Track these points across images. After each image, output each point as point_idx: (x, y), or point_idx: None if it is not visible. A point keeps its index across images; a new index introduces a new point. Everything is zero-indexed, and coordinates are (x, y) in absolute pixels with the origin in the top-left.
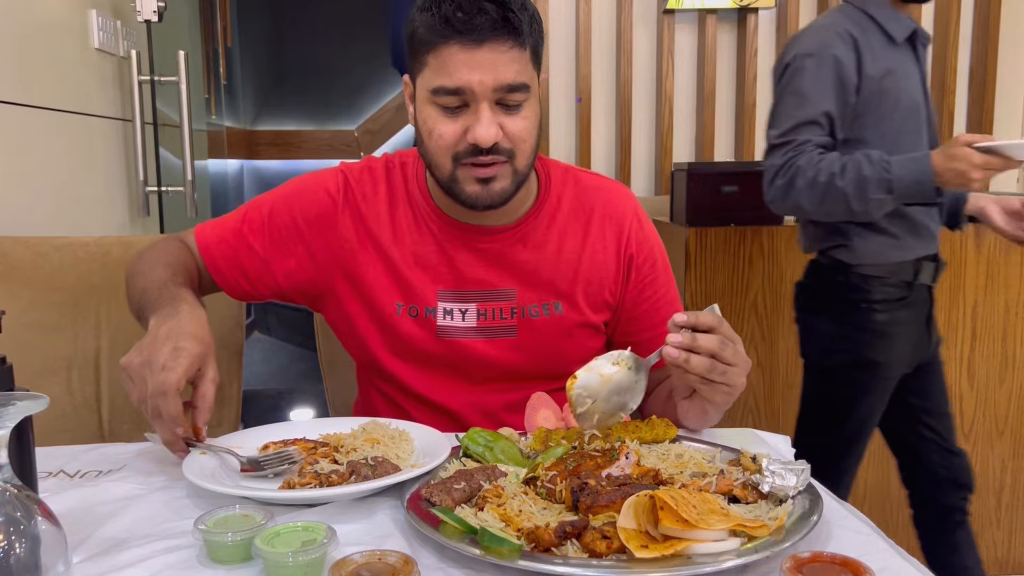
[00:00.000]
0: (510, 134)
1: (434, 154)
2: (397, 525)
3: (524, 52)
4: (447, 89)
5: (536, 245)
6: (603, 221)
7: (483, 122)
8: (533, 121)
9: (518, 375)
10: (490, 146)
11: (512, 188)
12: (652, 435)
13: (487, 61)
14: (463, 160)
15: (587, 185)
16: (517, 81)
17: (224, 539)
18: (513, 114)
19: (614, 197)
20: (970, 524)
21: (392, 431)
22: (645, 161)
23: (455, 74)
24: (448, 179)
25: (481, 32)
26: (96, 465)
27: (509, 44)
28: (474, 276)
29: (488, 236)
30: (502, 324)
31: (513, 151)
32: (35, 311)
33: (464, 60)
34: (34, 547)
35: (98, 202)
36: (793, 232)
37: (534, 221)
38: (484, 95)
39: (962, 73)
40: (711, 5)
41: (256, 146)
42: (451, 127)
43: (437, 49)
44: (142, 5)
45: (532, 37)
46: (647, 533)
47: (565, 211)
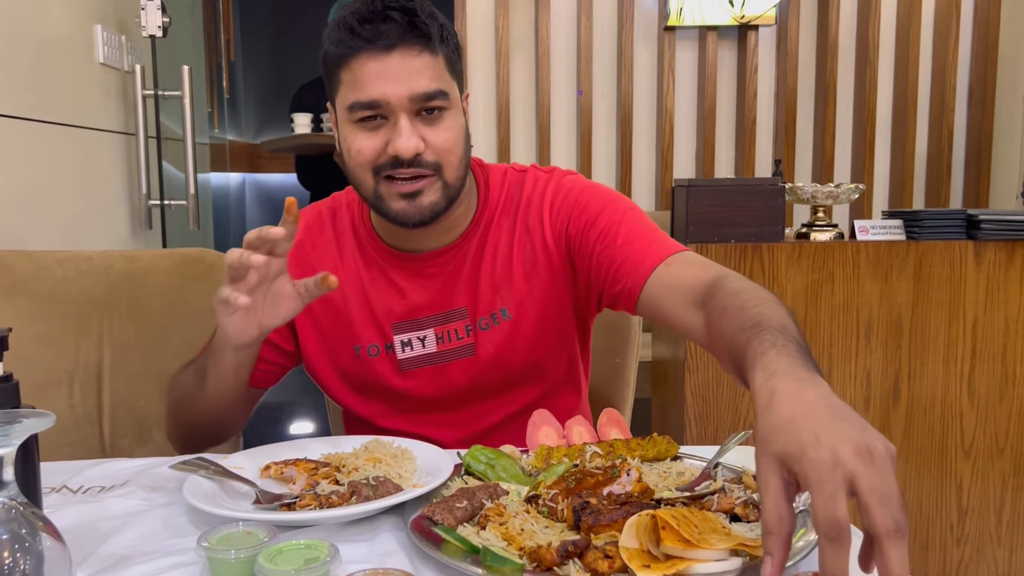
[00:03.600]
0: (433, 146)
1: (355, 171)
2: (399, 543)
3: (437, 58)
4: (362, 103)
5: (478, 257)
6: (526, 212)
7: (403, 134)
8: (457, 132)
9: (486, 391)
10: (411, 158)
11: (443, 202)
12: (654, 452)
13: (399, 69)
14: (384, 173)
15: (517, 180)
16: (432, 88)
17: (227, 556)
18: (435, 125)
19: (538, 185)
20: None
21: (394, 450)
22: (646, 177)
23: (368, 86)
24: (373, 196)
25: (389, 38)
26: (99, 481)
27: (418, 49)
28: (426, 302)
29: (433, 259)
30: (459, 344)
31: (439, 163)
32: (37, 324)
33: (376, 70)
34: (39, 564)
35: (101, 215)
36: (794, 248)
37: (474, 235)
38: (401, 106)
39: (961, 92)
40: (711, 22)
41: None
42: (370, 142)
43: (348, 63)
44: (147, 20)
45: (445, 46)
46: (649, 552)
47: (499, 215)
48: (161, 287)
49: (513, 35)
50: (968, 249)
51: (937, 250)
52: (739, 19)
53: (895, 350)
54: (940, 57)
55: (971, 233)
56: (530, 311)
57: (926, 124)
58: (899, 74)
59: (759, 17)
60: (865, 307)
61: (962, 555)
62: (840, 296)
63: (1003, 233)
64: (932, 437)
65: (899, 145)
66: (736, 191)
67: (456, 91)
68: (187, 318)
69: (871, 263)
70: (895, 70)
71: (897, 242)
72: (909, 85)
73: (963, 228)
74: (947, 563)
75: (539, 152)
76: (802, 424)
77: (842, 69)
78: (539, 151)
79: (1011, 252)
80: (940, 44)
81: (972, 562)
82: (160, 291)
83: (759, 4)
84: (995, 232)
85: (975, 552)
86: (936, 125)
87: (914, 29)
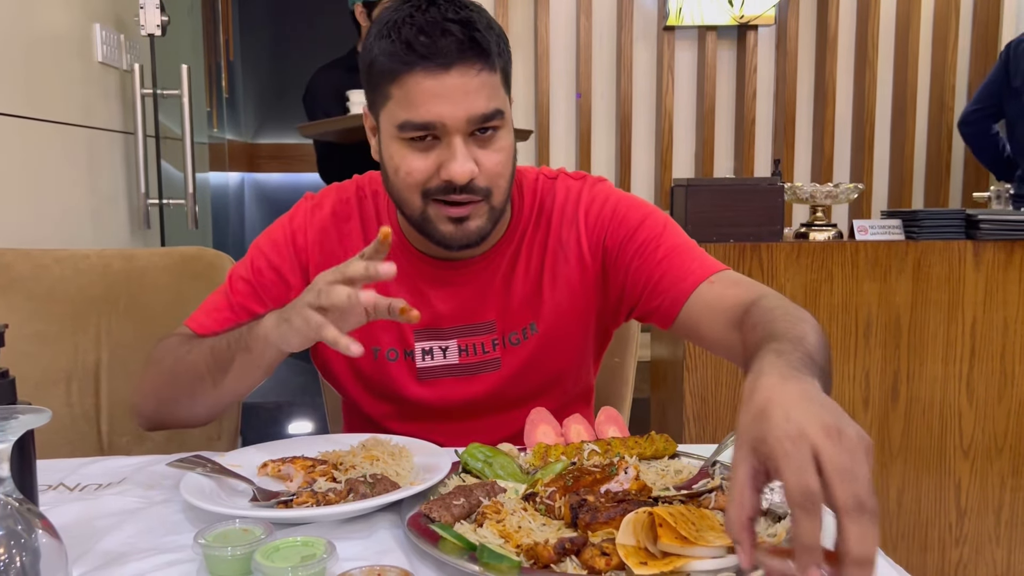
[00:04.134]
0: (486, 170)
1: (402, 191)
2: (396, 541)
3: (495, 75)
4: (415, 124)
5: (508, 270)
6: (560, 224)
7: (459, 158)
8: (509, 153)
9: (504, 405)
10: (465, 183)
11: (489, 227)
12: (651, 451)
13: (457, 89)
14: (434, 196)
15: (547, 188)
16: (491, 109)
17: (224, 553)
18: (488, 147)
19: (570, 195)
20: None
21: (392, 447)
22: (645, 177)
23: (423, 107)
24: (419, 218)
25: (448, 56)
26: (96, 478)
27: (479, 67)
28: (451, 313)
29: (463, 268)
30: (485, 358)
31: (490, 189)
32: (35, 323)
33: (432, 89)
34: (35, 561)
35: (100, 214)
36: (793, 248)
37: (507, 247)
38: (457, 128)
39: (960, 92)
40: (711, 22)
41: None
42: (421, 163)
43: (401, 79)
44: (146, 19)
45: (502, 59)
46: (646, 550)
47: (531, 227)
48: (159, 286)
49: (512, 34)
50: (967, 249)
51: (936, 250)
52: (738, 19)
53: (894, 350)
54: (939, 57)
55: (970, 233)
56: (558, 325)
57: (925, 124)
58: (898, 74)
59: (758, 17)
60: (864, 307)
61: (961, 555)
62: (839, 296)
63: (1002, 233)
64: (931, 437)
65: (898, 145)
66: (735, 191)
67: (509, 107)
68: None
69: (870, 263)
70: (894, 70)
71: (896, 242)
72: (908, 85)
73: (962, 228)
74: (946, 563)
75: (538, 151)
76: (775, 409)
77: (841, 69)
78: (538, 150)
79: (1010, 252)
80: (939, 44)
81: (971, 562)
82: (158, 290)
83: (758, 4)
84: (994, 232)
85: (974, 552)
86: (935, 125)
87: (913, 29)
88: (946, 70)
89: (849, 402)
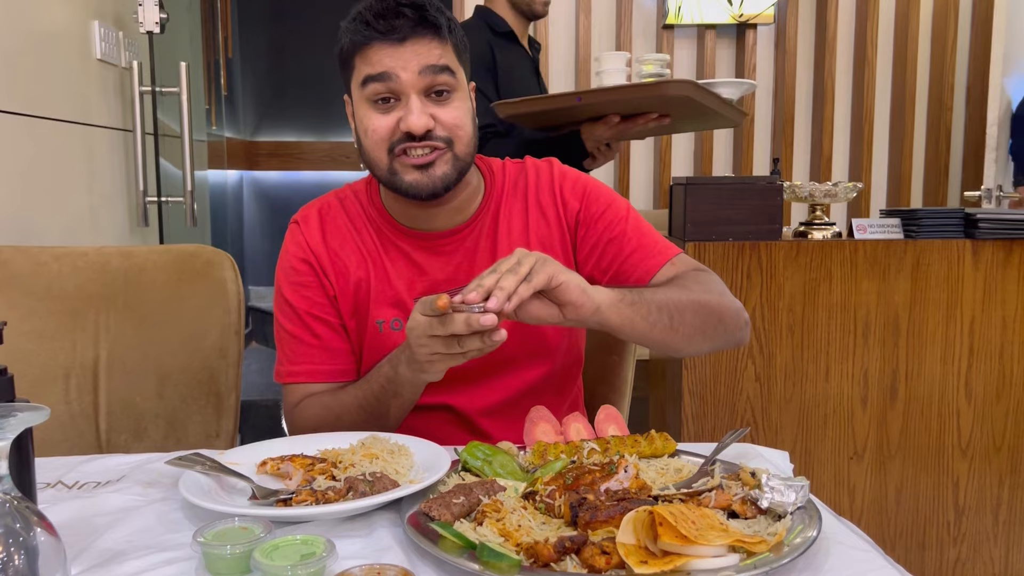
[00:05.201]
0: (444, 122)
1: (371, 151)
2: (396, 539)
3: (446, 44)
4: (373, 75)
5: (490, 235)
6: (536, 193)
7: (414, 110)
8: (465, 112)
9: (500, 362)
10: (423, 133)
11: (454, 174)
12: (651, 450)
13: (409, 52)
14: (397, 150)
15: (518, 168)
16: (441, 63)
17: (223, 552)
18: (444, 104)
19: (541, 169)
20: None
21: (391, 445)
22: (644, 175)
23: (379, 63)
24: (387, 172)
25: (401, 31)
26: (94, 476)
27: (429, 38)
28: (447, 279)
29: (448, 238)
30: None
31: (450, 138)
32: (34, 320)
33: (388, 53)
34: (33, 558)
35: (98, 212)
36: (791, 247)
37: (485, 215)
38: (411, 83)
39: (959, 91)
40: (710, 21)
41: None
42: (384, 121)
43: (363, 50)
44: (144, 16)
45: (453, 36)
46: (646, 549)
47: (508, 197)
48: (158, 283)
49: None
50: (966, 248)
51: (935, 249)
52: (738, 17)
53: (892, 349)
54: (938, 56)
55: (969, 232)
56: None
57: (924, 123)
58: (897, 73)
59: (758, 16)
60: (863, 306)
61: (959, 554)
62: (838, 295)
63: (1001, 232)
64: (929, 436)
65: (897, 144)
66: (734, 189)
67: (463, 76)
68: (183, 314)
69: (869, 262)
70: (893, 69)
71: (895, 241)
72: (907, 84)
73: (961, 227)
74: (944, 562)
75: None
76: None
77: (840, 68)
78: None
79: (1008, 251)
80: (938, 43)
81: (968, 561)
82: (157, 287)
83: (758, 3)
84: (993, 231)
85: (971, 551)
86: (934, 124)
87: (912, 28)
88: (944, 69)
89: (847, 400)
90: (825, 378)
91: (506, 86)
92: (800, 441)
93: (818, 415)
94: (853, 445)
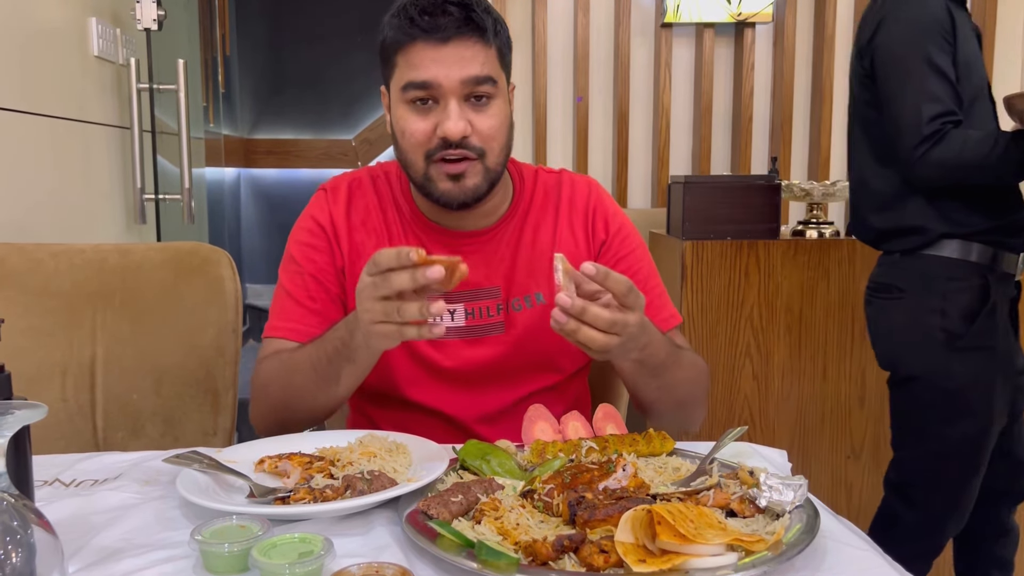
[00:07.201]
0: (479, 131)
1: (407, 152)
2: (394, 537)
3: (490, 49)
4: (415, 83)
5: (515, 242)
6: (570, 209)
7: (452, 116)
8: (502, 120)
9: (509, 371)
10: (459, 140)
11: (484, 186)
12: (648, 449)
13: (453, 57)
14: (434, 157)
15: (553, 179)
16: (483, 73)
17: (221, 550)
18: (482, 111)
19: (578, 186)
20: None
21: (389, 444)
22: (642, 174)
23: (422, 68)
24: (422, 178)
25: (446, 30)
26: (91, 474)
27: (473, 40)
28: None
29: (471, 238)
30: (490, 321)
31: (483, 150)
32: (30, 317)
33: (431, 56)
34: (30, 557)
35: (95, 209)
36: (789, 246)
37: (511, 220)
38: (452, 89)
39: None
40: (708, 19)
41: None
42: (422, 124)
43: (405, 49)
44: (142, 13)
45: (498, 39)
46: (645, 547)
47: (537, 206)
48: (155, 281)
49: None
50: None
51: None
52: (736, 16)
53: None
54: None
55: None
56: None
57: None
58: None
59: (756, 14)
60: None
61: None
62: (835, 293)
63: None
64: None
65: None
66: (732, 188)
67: (504, 81)
68: (181, 312)
69: (866, 260)
70: None
71: None
72: None
73: None
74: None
75: (535, 148)
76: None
77: (839, 66)
78: (535, 147)
79: None
80: None
81: None
82: (154, 285)
83: (756, 1)
84: None
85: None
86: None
87: None
88: None
89: (845, 399)
90: (823, 377)
91: (963, 59)
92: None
93: (815, 414)
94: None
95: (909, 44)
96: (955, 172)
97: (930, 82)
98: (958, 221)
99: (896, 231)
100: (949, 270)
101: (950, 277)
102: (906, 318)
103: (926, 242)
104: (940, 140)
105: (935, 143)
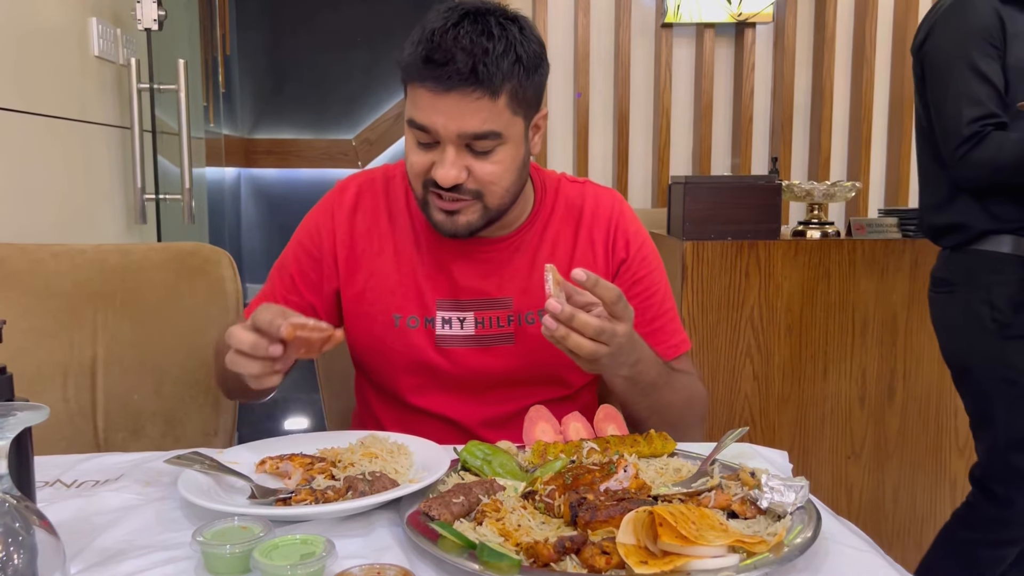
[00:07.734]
0: (477, 177)
1: (409, 176)
2: (395, 539)
3: (495, 101)
4: (416, 124)
5: (531, 253)
6: (591, 224)
7: (445, 164)
8: (506, 165)
9: (516, 382)
10: (451, 186)
11: (480, 223)
12: (650, 450)
13: (452, 108)
14: (431, 189)
15: (577, 190)
16: (482, 130)
17: (222, 551)
18: (483, 158)
19: (602, 200)
20: None
21: (391, 445)
22: (642, 174)
23: (422, 112)
24: (421, 202)
25: (448, 82)
26: (93, 475)
27: (478, 95)
28: (471, 286)
29: (485, 247)
30: (499, 332)
31: (480, 192)
32: (31, 318)
33: (431, 102)
34: (32, 558)
35: (96, 209)
36: (790, 246)
37: (529, 231)
38: (449, 139)
39: None
40: (709, 19)
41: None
42: (421, 158)
43: (412, 85)
44: (142, 13)
45: (512, 82)
46: (646, 549)
47: (558, 218)
48: (155, 281)
49: None
50: None
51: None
52: (736, 16)
53: (890, 348)
54: None
55: None
56: None
57: None
58: (895, 72)
59: (756, 15)
60: (861, 305)
61: None
62: (836, 293)
63: None
64: (927, 435)
65: (895, 143)
66: (732, 188)
67: (516, 127)
68: (181, 312)
69: (867, 261)
70: (892, 68)
71: (893, 240)
72: (906, 83)
73: None
74: None
75: None
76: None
77: (839, 67)
78: None
79: None
80: None
81: None
82: (154, 285)
83: (757, 1)
84: None
85: None
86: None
87: (911, 27)
88: None
89: (845, 399)
90: (823, 377)
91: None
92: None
93: (816, 414)
94: (851, 444)
95: (954, 49)
96: (995, 173)
97: (972, 85)
98: (999, 217)
99: (946, 228)
100: (991, 264)
101: (993, 270)
102: (958, 311)
103: (970, 238)
104: (980, 142)
105: (975, 145)
